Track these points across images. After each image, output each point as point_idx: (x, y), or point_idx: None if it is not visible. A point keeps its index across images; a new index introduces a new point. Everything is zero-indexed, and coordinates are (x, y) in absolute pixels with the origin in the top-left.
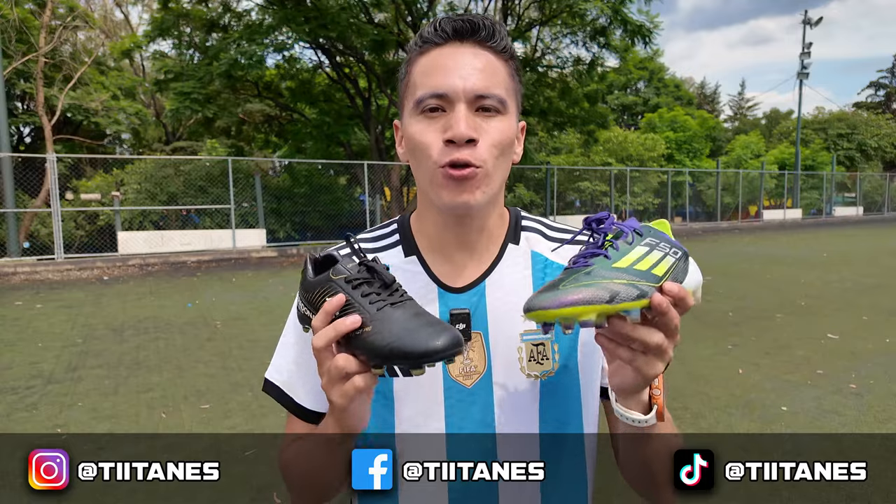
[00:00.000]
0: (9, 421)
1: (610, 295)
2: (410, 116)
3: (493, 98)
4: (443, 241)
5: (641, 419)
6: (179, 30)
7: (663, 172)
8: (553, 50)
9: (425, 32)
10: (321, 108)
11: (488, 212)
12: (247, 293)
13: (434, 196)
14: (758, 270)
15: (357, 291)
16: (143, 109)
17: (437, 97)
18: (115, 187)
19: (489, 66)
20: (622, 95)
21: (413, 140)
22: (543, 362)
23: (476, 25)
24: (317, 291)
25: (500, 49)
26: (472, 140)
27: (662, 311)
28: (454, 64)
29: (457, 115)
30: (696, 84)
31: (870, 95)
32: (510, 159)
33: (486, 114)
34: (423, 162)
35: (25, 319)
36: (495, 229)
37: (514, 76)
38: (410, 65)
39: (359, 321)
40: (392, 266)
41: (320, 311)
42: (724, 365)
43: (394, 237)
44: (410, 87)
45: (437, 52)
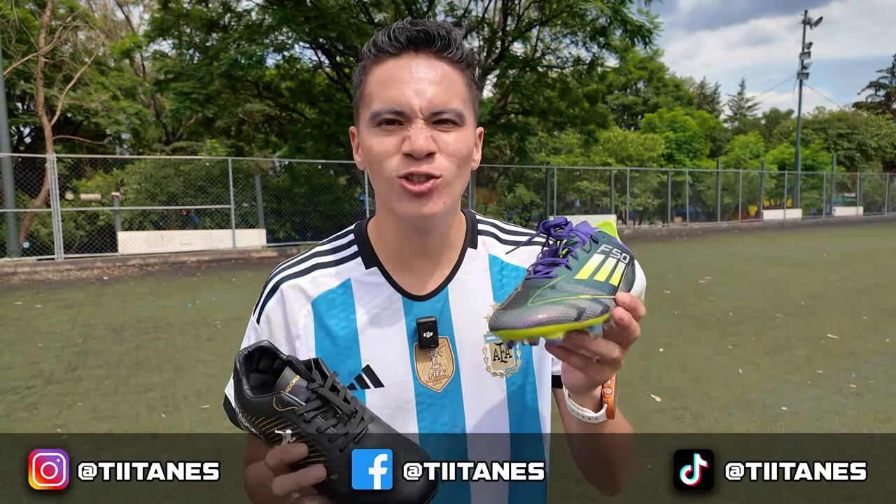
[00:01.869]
0: (9, 421)
1: (577, 312)
2: (367, 128)
3: (449, 112)
4: (403, 249)
5: (592, 416)
6: (180, 30)
7: (663, 172)
8: (553, 50)
9: (379, 41)
10: (321, 107)
11: (448, 220)
12: (247, 293)
13: (394, 207)
14: (758, 270)
15: (311, 426)
16: (143, 109)
17: (394, 112)
18: (115, 187)
19: (445, 78)
20: (622, 95)
21: (371, 152)
22: (507, 360)
23: (431, 35)
24: (262, 420)
25: (456, 59)
26: (431, 153)
27: (625, 325)
28: (409, 77)
29: (414, 129)
30: (695, 84)
31: (870, 95)
32: (468, 170)
33: (444, 126)
34: (381, 173)
35: (25, 319)
36: (454, 236)
37: (470, 84)
38: (365, 73)
39: (323, 474)
40: (353, 279)
41: (275, 457)
42: (724, 365)
43: (352, 248)
44: (366, 98)
45: (392, 62)
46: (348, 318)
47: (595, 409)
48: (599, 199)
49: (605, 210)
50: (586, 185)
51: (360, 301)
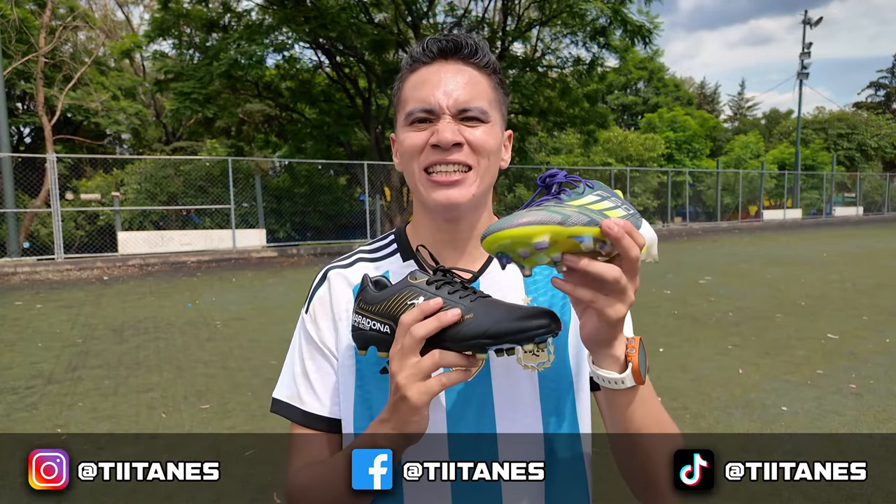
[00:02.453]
0: (9, 421)
1: (562, 217)
2: (402, 128)
3: (475, 109)
4: (435, 241)
5: (617, 377)
6: (180, 30)
7: (663, 173)
8: (553, 50)
9: (414, 52)
10: (321, 107)
11: (477, 213)
12: (247, 293)
13: (424, 196)
14: (758, 270)
15: (442, 291)
16: (143, 109)
17: (425, 111)
18: (115, 187)
19: (472, 81)
20: (622, 95)
21: (403, 146)
22: (539, 354)
23: (459, 44)
24: (393, 299)
25: (482, 65)
26: (458, 144)
27: (614, 234)
28: (439, 80)
29: (442, 123)
30: (695, 84)
31: (870, 95)
32: (496, 164)
33: (470, 122)
34: (412, 165)
35: (25, 319)
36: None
37: (497, 88)
38: (402, 81)
39: (459, 313)
40: (391, 270)
41: (415, 308)
42: (724, 365)
43: (392, 246)
44: (402, 102)
45: (425, 69)
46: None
47: (619, 371)
48: None
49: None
50: None
51: None
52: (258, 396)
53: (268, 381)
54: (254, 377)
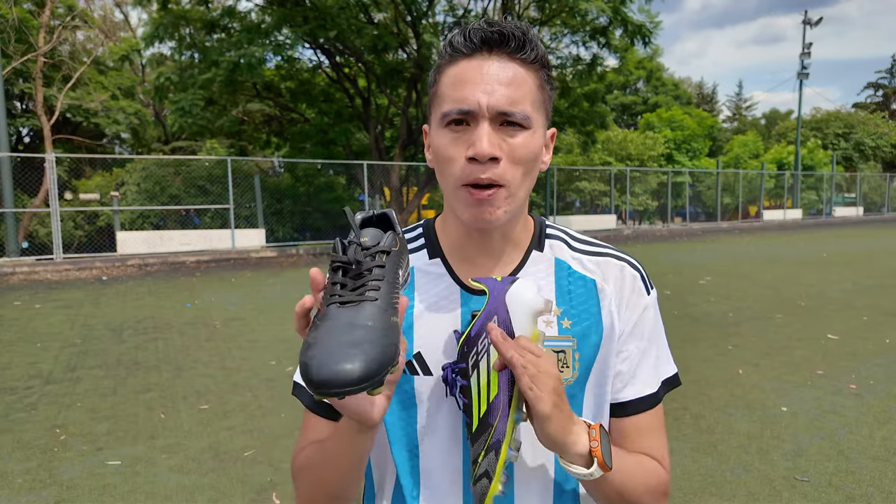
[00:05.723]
0: (7, 421)
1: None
2: (437, 128)
3: (517, 115)
4: (465, 245)
5: (586, 472)
6: (179, 31)
7: (663, 173)
8: (553, 50)
9: (455, 41)
10: (321, 108)
11: (512, 223)
12: (246, 293)
13: (457, 210)
14: (758, 270)
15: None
16: (142, 109)
17: (462, 113)
18: (115, 187)
19: (516, 80)
20: (621, 95)
21: (438, 152)
22: (563, 370)
23: (505, 36)
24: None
25: (530, 60)
26: (495, 158)
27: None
28: (480, 77)
29: (480, 132)
30: (693, 84)
31: (869, 96)
32: (535, 173)
33: (511, 128)
34: (446, 175)
35: (24, 319)
36: (519, 237)
37: (543, 87)
38: (439, 73)
39: (305, 332)
40: (416, 267)
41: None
42: (724, 365)
43: (419, 241)
44: (438, 98)
45: (465, 63)
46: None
47: (587, 466)
48: (599, 199)
49: (605, 210)
50: (586, 185)
51: (421, 289)
52: (257, 396)
53: (267, 382)
54: (253, 377)
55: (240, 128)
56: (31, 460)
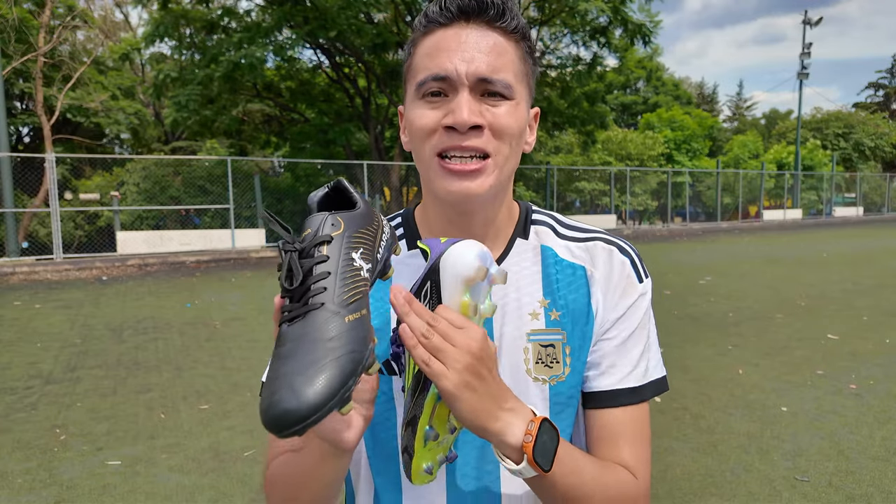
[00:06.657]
0: (7, 421)
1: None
2: (412, 101)
3: (499, 83)
4: (447, 233)
5: (515, 469)
6: (179, 31)
7: (663, 173)
8: (553, 50)
9: (430, 11)
10: (321, 108)
11: (494, 205)
12: (246, 293)
13: (435, 185)
14: (758, 270)
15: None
16: (142, 109)
17: (439, 80)
18: (115, 187)
19: (497, 48)
20: (621, 95)
21: (413, 125)
22: (553, 366)
23: (484, 3)
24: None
25: (511, 29)
26: (477, 126)
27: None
28: (458, 45)
29: (459, 100)
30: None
31: (869, 96)
32: (519, 149)
33: (492, 99)
34: (422, 149)
35: (24, 319)
36: (503, 223)
37: (525, 58)
38: (414, 45)
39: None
40: (395, 260)
41: None
42: (724, 365)
43: (398, 230)
44: (413, 70)
45: (441, 32)
46: (384, 298)
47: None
48: (599, 199)
49: (604, 210)
50: (585, 185)
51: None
52: (257, 396)
53: None
54: (253, 377)
55: (240, 128)
56: (31, 460)
